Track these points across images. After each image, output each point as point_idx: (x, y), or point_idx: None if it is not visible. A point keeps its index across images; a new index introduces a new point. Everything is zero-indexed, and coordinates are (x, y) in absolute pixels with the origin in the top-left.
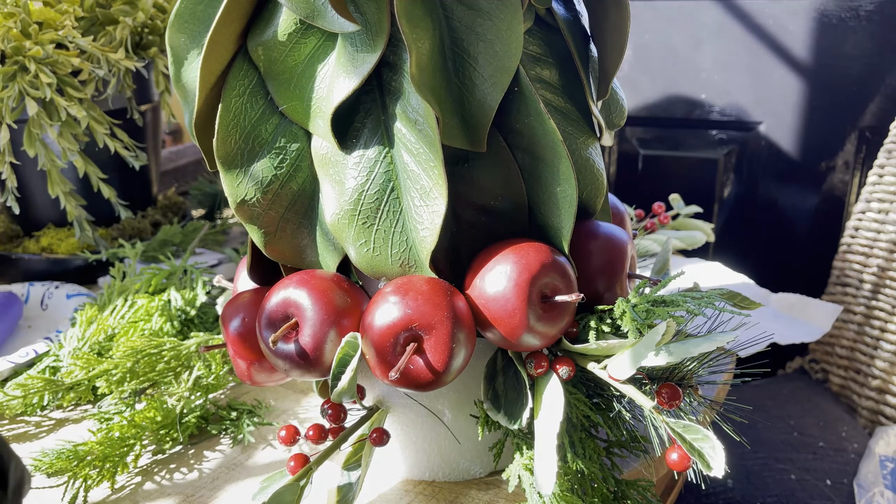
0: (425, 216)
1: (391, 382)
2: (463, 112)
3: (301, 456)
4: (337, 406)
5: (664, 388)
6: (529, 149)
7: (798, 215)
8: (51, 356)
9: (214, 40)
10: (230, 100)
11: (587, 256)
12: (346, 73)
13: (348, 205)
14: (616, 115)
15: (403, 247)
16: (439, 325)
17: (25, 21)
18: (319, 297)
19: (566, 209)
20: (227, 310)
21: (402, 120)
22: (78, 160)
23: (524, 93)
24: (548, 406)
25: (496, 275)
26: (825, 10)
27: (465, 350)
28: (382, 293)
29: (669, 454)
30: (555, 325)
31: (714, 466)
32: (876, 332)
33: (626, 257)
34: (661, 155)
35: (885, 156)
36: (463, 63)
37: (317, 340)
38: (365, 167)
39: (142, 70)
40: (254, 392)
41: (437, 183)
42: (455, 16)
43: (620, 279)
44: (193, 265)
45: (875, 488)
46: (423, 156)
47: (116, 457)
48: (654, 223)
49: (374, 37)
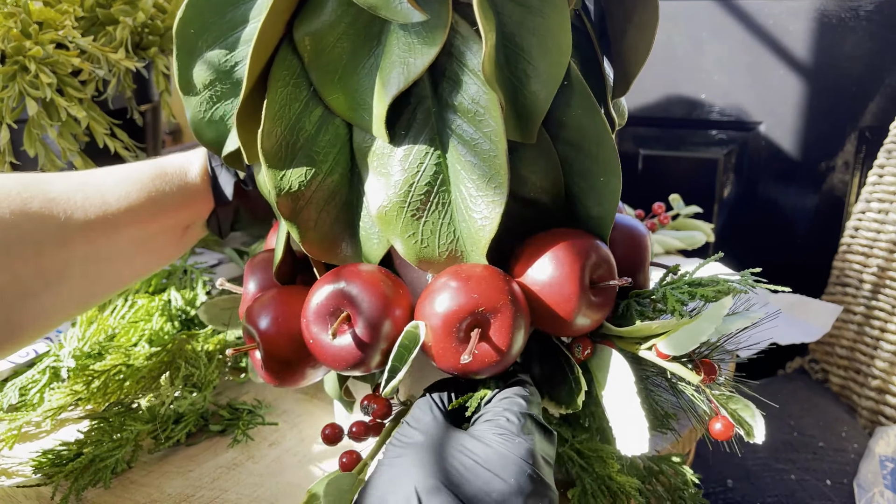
0: (483, 206)
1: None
2: (516, 104)
3: (353, 452)
4: (384, 401)
5: (704, 364)
6: (574, 141)
7: (798, 215)
8: (51, 356)
9: (266, 28)
10: (276, 90)
11: (613, 246)
12: (402, 65)
13: (396, 197)
14: (618, 116)
15: (451, 237)
16: (503, 308)
17: (25, 21)
18: (372, 289)
19: (610, 199)
20: (252, 311)
21: (458, 111)
22: (78, 160)
23: (574, 86)
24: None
25: (549, 262)
26: (825, 10)
27: (523, 332)
28: (440, 281)
29: (713, 424)
30: (603, 309)
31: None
32: (876, 332)
33: (648, 247)
34: (661, 155)
35: (885, 156)
36: (515, 57)
37: (374, 331)
38: (415, 159)
39: (142, 70)
40: (254, 392)
41: (499, 173)
42: (506, 12)
43: (644, 268)
44: (193, 265)
45: (875, 488)
46: (483, 146)
47: (111, 457)
48: (654, 223)
49: (434, 29)
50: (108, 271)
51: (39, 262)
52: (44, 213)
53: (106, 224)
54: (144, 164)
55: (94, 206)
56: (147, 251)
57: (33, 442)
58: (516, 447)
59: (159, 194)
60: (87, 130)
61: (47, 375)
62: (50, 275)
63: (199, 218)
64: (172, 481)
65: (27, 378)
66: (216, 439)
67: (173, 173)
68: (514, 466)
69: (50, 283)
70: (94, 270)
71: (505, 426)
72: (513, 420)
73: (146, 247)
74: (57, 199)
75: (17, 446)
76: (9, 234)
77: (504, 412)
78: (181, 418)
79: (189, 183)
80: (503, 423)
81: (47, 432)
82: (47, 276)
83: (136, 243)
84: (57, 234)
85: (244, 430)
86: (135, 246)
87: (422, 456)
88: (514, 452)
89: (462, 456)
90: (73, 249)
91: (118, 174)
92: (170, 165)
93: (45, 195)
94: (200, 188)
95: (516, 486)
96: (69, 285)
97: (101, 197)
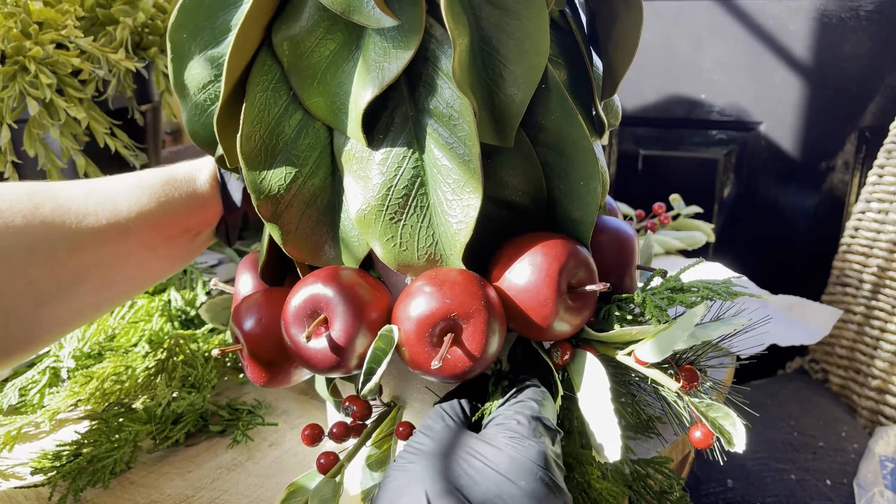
0: (458, 210)
1: (432, 372)
2: (492, 108)
3: (331, 454)
4: (363, 402)
5: (684, 371)
6: (554, 144)
7: (798, 215)
8: (51, 356)
9: (242, 34)
10: (255, 95)
11: (598, 249)
12: (377, 69)
13: (375, 200)
14: (611, 116)
15: (430, 241)
16: (476, 313)
17: (26, 21)
18: (348, 292)
19: (589, 203)
20: (238, 311)
21: (433, 115)
22: (80, 159)
23: (552, 89)
24: (589, 381)
25: (526, 267)
26: (825, 10)
27: (498, 337)
28: (416, 285)
29: (693, 432)
30: (581, 314)
31: (736, 443)
32: (876, 332)
33: (635, 250)
34: (661, 155)
35: (885, 156)
36: (492, 60)
37: (349, 334)
38: (393, 163)
39: (142, 70)
40: (254, 392)
41: (473, 177)
42: (483, 14)
43: (630, 271)
44: (193, 265)
45: (875, 488)
46: (458, 150)
47: (109, 457)
48: (654, 223)
49: (408, 33)
50: (121, 277)
51: (53, 268)
52: (55, 219)
53: (117, 229)
54: (154, 171)
55: (105, 211)
56: (158, 257)
57: (33, 442)
58: (527, 450)
59: (169, 200)
60: (87, 130)
61: (47, 376)
62: (63, 280)
63: (208, 224)
64: (172, 482)
65: (27, 378)
66: (216, 440)
67: (183, 180)
68: (524, 470)
69: (63, 289)
70: (106, 276)
71: (515, 429)
72: (523, 423)
73: (157, 252)
74: (67, 204)
75: (17, 447)
76: (21, 239)
77: (515, 415)
78: (180, 419)
79: (198, 189)
80: (513, 425)
81: (46, 433)
82: (60, 281)
83: (148, 249)
84: (69, 238)
85: (244, 430)
86: (146, 251)
87: (433, 461)
88: (525, 455)
89: (472, 459)
90: (85, 254)
91: (128, 181)
92: (179, 172)
93: (55, 201)
94: (209, 194)
95: (528, 489)
96: (83, 290)
97: (111, 203)
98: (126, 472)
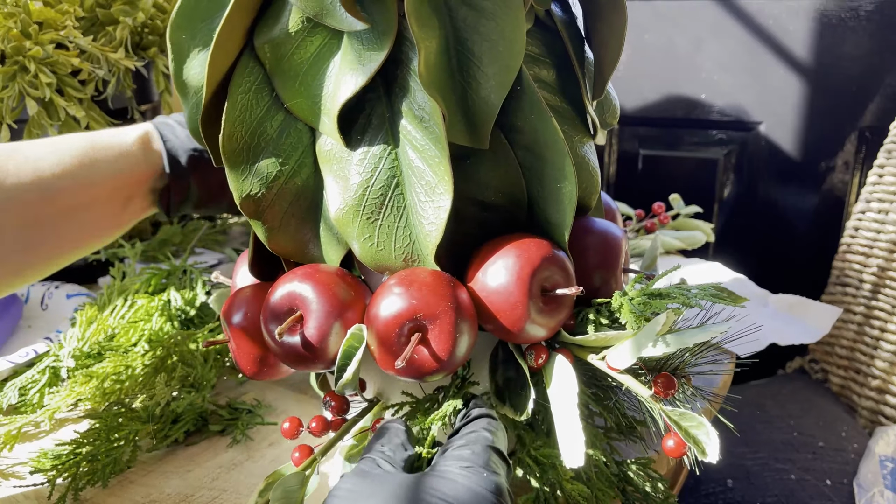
0: (430, 211)
1: (396, 371)
2: (466, 110)
3: (306, 447)
4: (341, 398)
5: (660, 378)
6: (530, 146)
7: (798, 215)
8: (50, 356)
9: (222, 37)
10: (236, 96)
11: (584, 251)
12: (352, 71)
13: (353, 200)
14: (609, 115)
15: (407, 241)
16: (443, 315)
17: (25, 21)
18: (324, 291)
19: (566, 205)
20: (229, 305)
21: (407, 117)
22: None
23: (526, 91)
24: (559, 385)
25: (498, 268)
26: (825, 10)
27: (467, 339)
28: (387, 285)
29: (665, 441)
30: (555, 317)
31: (709, 452)
32: (876, 332)
33: (622, 252)
34: (661, 155)
35: (885, 156)
36: (467, 62)
37: (321, 332)
38: (370, 164)
39: (142, 70)
40: (254, 391)
41: (443, 179)
42: (459, 16)
43: (616, 274)
44: (193, 265)
45: (875, 488)
46: (429, 152)
47: (109, 456)
48: (654, 223)
49: (381, 35)
50: (45, 241)
51: None
52: None
53: (40, 190)
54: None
55: (27, 172)
56: (84, 221)
57: (32, 442)
58: (484, 481)
59: (91, 161)
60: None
61: (47, 375)
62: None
63: (137, 187)
64: (171, 481)
65: (27, 378)
66: (216, 439)
67: (108, 140)
68: (482, 501)
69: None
70: (29, 238)
71: (470, 458)
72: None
73: (83, 217)
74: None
75: (17, 447)
76: None
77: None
78: (179, 418)
79: (123, 150)
80: (468, 455)
81: (46, 433)
82: None
83: (72, 212)
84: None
85: (243, 429)
86: (71, 214)
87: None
88: (481, 486)
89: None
90: (6, 215)
91: (51, 143)
92: (105, 133)
93: None
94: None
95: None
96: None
97: (33, 163)
98: (126, 472)
